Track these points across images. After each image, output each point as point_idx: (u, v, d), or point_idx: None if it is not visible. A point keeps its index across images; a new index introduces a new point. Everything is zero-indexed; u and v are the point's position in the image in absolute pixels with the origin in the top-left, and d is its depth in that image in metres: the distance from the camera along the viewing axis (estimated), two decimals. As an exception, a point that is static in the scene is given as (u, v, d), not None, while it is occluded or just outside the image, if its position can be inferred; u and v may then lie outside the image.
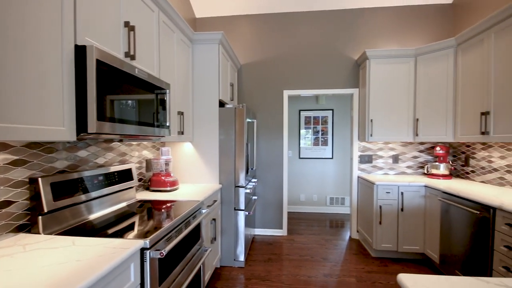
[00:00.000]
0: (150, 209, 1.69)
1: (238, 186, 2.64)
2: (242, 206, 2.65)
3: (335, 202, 4.84)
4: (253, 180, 3.27)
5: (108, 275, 0.93)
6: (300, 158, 4.91)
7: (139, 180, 2.23)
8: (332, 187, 4.86)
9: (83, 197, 1.45)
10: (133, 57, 1.53)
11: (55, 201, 1.28)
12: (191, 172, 2.66)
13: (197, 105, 2.65)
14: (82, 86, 1.14)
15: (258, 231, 3.66)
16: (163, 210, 1.66)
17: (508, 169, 2.40)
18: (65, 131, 1.09)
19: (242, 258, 2.68)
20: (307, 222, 4.27)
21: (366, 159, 3.45)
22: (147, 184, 2.33)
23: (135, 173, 1.96)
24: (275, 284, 2.39)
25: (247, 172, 2.76)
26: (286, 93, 3.57)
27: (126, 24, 1.50)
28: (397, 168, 3.41)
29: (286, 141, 3.58)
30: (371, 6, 3.41)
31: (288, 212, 4.89)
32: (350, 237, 3.57)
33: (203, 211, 1.91)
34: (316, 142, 4.86)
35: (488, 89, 2.27)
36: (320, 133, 4.85)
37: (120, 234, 1.23)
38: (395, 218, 2.81)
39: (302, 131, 4.90)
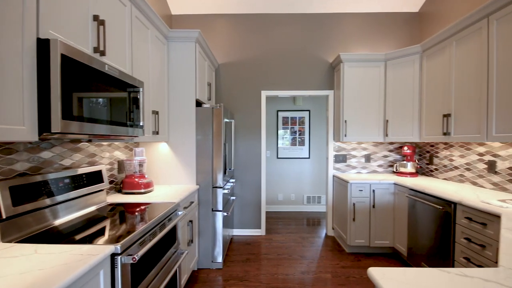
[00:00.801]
0: (122, 212, 1.62)
1: (216, 187, 2.62)
2: (220, 207, 2.62)
3: (312, 201, 4.96)
4: (231, 180, 3.25)
5: (74, 284, 0.87)
6: (278, 158, 4.97)
7: (111, 182, 2.13)
8: (309, 186, 4.98)
9: (47, 201, 1.36)
10: (103, 53, 1.46)
11: (14, 206, 1.18)
12: (167, 173, 2.59)
13: (173, 104, 2.58)
14: (45, 82, 1.06)
15: (237, 232, 3.65)
16: (136, 213, 1.59)
17: (467, 167, 2.61)
18: (26, 130, 1.01)
19: (220, 259, 2.65)
20: (285, 221, 4.33)
21: (340, 158, 3.57)
22: (119, 187, 2.23)
23: (105, 175, 1.87)
24: (253, 284, 2.39)
25: (225, 172, 2.74)
26: (264, 94, 3.60)
27: (95, 18, 1.42)
28: (369, 167, 3.57)
29: (264, 141, 3.61)
30: (345, 12, 3.55)
31: (266, 211, 4.93)
32: (326, 234, 3.68)
33: (179, 213, 1.87)
34: (293, 142, 4.95)
35: (449, 93, 2.45)
36: (297, 133, 4.95)
37: (89, 240, 1.17)
38: (367, 215, 2.95)
39: (280, 131, 4.97)
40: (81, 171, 1.65)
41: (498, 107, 1.94)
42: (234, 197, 3.45)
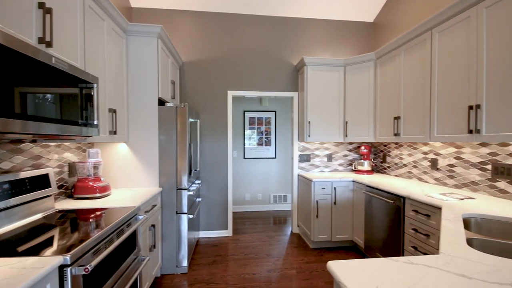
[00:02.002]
0: (74, 219, 1.48)
1: (181, 189, 2.53)
2: (185, 209, 2.54)
3: (279, 200, 5.07)
4: (197, 181, 3.17)
5: (13, 303, 0.77)
6: (245, 158, 4.99)
7: (60, 187, 1.93)
8: (276, 186, 5.08)
9: (-22, 211, 1.18)
10: (49, 44, 1.32)
11: None
12: (127, 175, 2.43)
13: (133, 102, 2.43)
14: (-25, 74, 0.92)
15: (203, 234, 3.57)
16: (90, 220, 1.47)
17: (414, 164, 2.89)
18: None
19: (185, 263, 2.57)
20: (252, 220, 4.36)
21: (305, 158, 3.71)
22: (70, 192, 2.03)
23: (53, 179, 1.69)
24: (220, 286, 2.36)
25: (190, 173, 2.67)
26: (230, 94, 3.58)
27: (41, 5, 1.28)
28: (331, 166, 3.76)
29: (230, 141, 3.59)
30: (309, 17, 3.69)
31: (233, 212, 4.91)
32: (291, 231, 3.78)
33: (140, 217, 1.77)
34: (260, 143, 5.01)
35: (399, 98, 2.70)
36: (264, 133, 5.02)
37: (34, 251, 1.04)
38: (329, 211, 3.10)
39: (247, 132, 4.99)
40: (23, 175, 1.47)
41: (439, 111, 2.18)
42: (200, 199, 3.38)
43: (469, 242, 1.23)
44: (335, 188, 3.09)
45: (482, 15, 1.77)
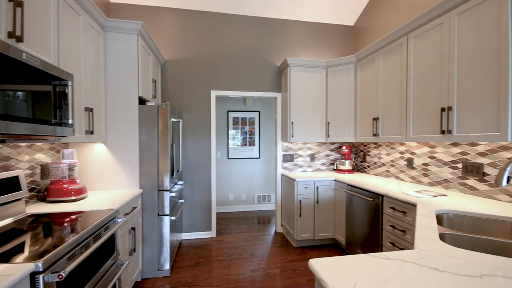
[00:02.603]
0: (47, 224, 1.40)
1: (162, 190, 2.47)
2: (167, 211, 2.49)
3: (263, 200, 5.09)
4: (179, 182, 3.11)
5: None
6: (228, 158, 4.96)
7: (31, 190, 1.82)
8: (260, 186, 5.09)
9: None
10: (19, 39, 1.24)
11: None
12: (105, 177, 2.34)
13: (111, 101, 2.34)
14: None
15: (186, 236, 3.51)
16: (65, 224, 1.40)
17: (392, 163, 3.01)
18: None
19: (167, 266, 2.51)
20: (236, 221, 4.34)
21: (288, 158, 3.75)
22: (42, 195, 1.93)
23: (24, 182, 1.59)
24: (203, 288, 2.34)
25: (172, 174, 2.61)
26: (214, 93, 3.55)
27: (9, -4, 1.20)
28: (314, 166, 3.83)
29: (214, 141, 3.56)
30: (292, 19, 3.74)
31: (217, 213, 4.87)
32: (275, 231, 3.81)
33: (119, 220, 1.71)
34: (244, 143, 5.01)
35: (378, 100, 2.79)
36: (248, 133, 5.02)
37: (2, 258, 0.98)
38: (312, 210, 3.15)
39: (231, 132, 4.96)
40: (-11, 178, 1.37)
41: (414, 113, 2.29)
42: (182, 200, 3.32)
43: (442, 237, 1.30)
44: (317, 188, 3.15)
45: (454, 21, 1.88)
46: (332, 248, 3.20)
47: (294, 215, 3.16)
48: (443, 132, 1.97)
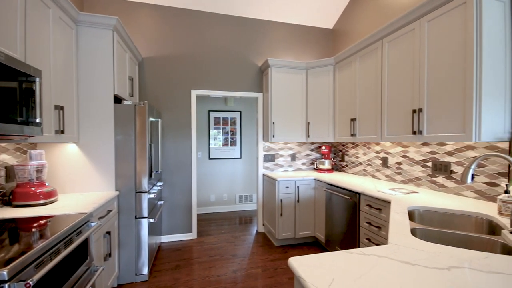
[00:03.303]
0: (13, 230, 1.31)
1: (140, 192, 2.39)
2: (145, 213, 2.41)
3: (244, 200, 5.08)
4: (158, 183, 3.03)
5: None
6: (210, 158, 4.90)
7: (-6, 194, 1.69)
8: (241, 186, 5.08)
9: None
10: (-21, 30, 1.14)
11: None
12: (78, 179, 2.22)
13: (85, 99, 2.23)
14: None
15: (165, 238, 3.43)
16: (33, 230, 1.31)
17: (368, 163, 3.13)
18: None
19: (145, 270, 2.44)
20: (217, 222, 4.31)
21: (269, 158, 3.78)
22: (7, 199, 1.79)
23: (-14, 185, 1.47)
24: (183, 291, 2.29)
25: (150, 175, 2.54)
26: (194, 93, 3.49)
27: (-33, -17, 1.10)
28: (295, 165, 3.89)
29: (194, 141, 3.50)
30: (274, 20, 3.77)
31: (198, 214, 4.80)
32: (257, 231, 3.82)
33: (92, 224, 1.63)
34: (225, 143, 4.97)
35: (355, 101, 2.89)
36: (229, 133, 4.99)
37: (-46, 271, 0.89)
38: (293, 209, 3.20)
39: (212, 132, 4.91)
40: None
41: (389, 114, 2.39)
42: (162, 202, 3.23)
43: (413, 232, 1.37)
44: (298, 187, 3.20)
45: (424, 28, 1.99)
46: (312, 246, 3.27)
47: (276, 215, 3.19)
48: (414, 132, 2.08)
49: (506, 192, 1.52)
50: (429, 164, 2.31)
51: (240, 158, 5.06)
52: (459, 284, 0.77)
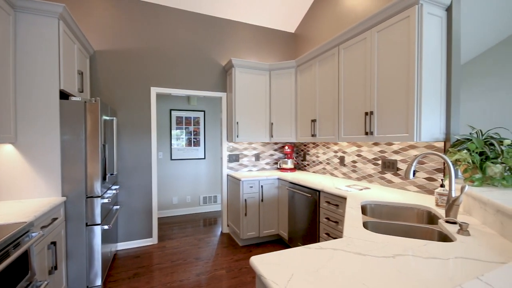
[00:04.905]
0: None
1: (92, 196, 2.20)
2: (98, 220, 2.22)
3: (209, 201, 4.99)
4: (114, 187, 2.82)
5: None
6: (172, 159, 4.71)
7: None
8: (205, 187, 4.98)
9: None
10: None
11: None
12: (15, 184, 1.96)
13: (24, 94, 1.98)
14: None
15: (122, 245, 3.20)
16: (-47, 246, 1.12)
17: (328, 161, 3.30)
18: None
19: (98, 282, 2.24)
20: (180, 225, 4.16)
21: (234, 158, 3.77)
22: None
23: None
24: (141, 300, 2.16)
25: (104, 178, 2.35)
26: (154, 90, 3.32)
27: None
28: (259, 165, 3.94)
29: (155, 142, 3.33)
30: (238, 20, 3.76)
31: (159, 217, 4.58)
32: (221, 232, 3.78)
33: (33, 235, 1.45)
34: (188, 143, 4.83)
35: (315, 103, 3.03)
36: (192, 133, 4.86)
37: None
38: (257, 208, 3.24)
39: (175, 132, 4.73)
40: None
41: (345, 116, 2.56)
42: (117, 206, 3.01)
43: (365, 225, 1.49)
44: (262, 186, 3.25)
45: (375, 37, 2.17)
46: (276, 243, 3.34)
47: (240, 214, 3.19)
48: (366, 133, 2.25)
49: (442, 186, 1.73)
50: (380, 162, 2.52)
51: (204, 158, 4.96)
52: (403, 270, 0.85)
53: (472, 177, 1.55)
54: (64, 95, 2.31)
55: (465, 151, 1.61)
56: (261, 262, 0.88)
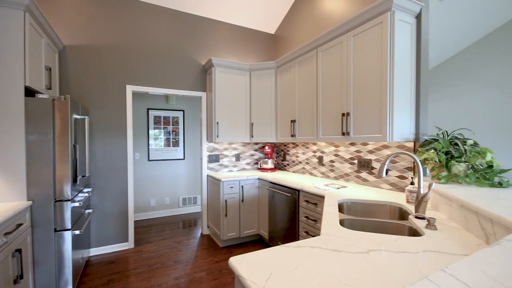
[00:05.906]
0: None
1: (61, 200, 2.07)
2: (68, 225, 2.10)
3: (188, 202, 4.90)
4: (86, 190, 2.68)
5: None
6: (149, 160, 4.57)
7: None
8: (185, 188, 4.88)
9: None
10: None
11: None
12: (-28, 189, 1.80)
13: (-17, 90, 1.82)
14: None
15: (95, 251, 3.05)
16: None
17: (307, 161, 3.37)
18: None
19: (69, 290, 2.12)
20: (158, 227, 4.04)
21: (214, 158, 3.73)
22: None
23: None
24: (116, 307, 2.07)
25: (75, 180, 2.22)
26: (130, 89, 3.20)
27: None
28: (239, 165, 3.93)
29: (131, 142, 3.21)
30: (218, 20, 3.73)
31: (135, 221, 4.42)
32: (201, 233, 3.73)
33: (-6, 243, 1.34)
34: (167, 143, 4.71)
35: (294, 104, 3.08)
36: (171, 133, 4.74)
37: None
38: (237, 209, 3.23)
39: (153, 131, 4.59)
40: None
41: (323, 117, 2.62)
42: (90, 210, 2.86)
43: (342, 222, 1.54)
44: (242, 187, 3.24)
45: (351, 41, 2.25)
46: (257, 243, 3.35)
47: (220, 215, 3.16)
48: (343, 133, 2.33)
49: (412, 183, 1.82)
50: (356, 161, 2.62)
51: (184, 159, 4.86)
52: (376, 264, 0.89)
53: (438, 175, 1.66)
54: (30, 92, 2.16)
55: (433, 150, 1.72)
56: (240, 262, 0.88)
